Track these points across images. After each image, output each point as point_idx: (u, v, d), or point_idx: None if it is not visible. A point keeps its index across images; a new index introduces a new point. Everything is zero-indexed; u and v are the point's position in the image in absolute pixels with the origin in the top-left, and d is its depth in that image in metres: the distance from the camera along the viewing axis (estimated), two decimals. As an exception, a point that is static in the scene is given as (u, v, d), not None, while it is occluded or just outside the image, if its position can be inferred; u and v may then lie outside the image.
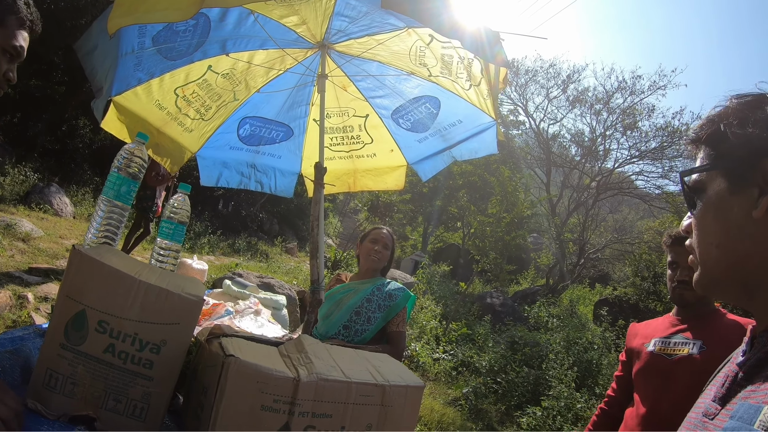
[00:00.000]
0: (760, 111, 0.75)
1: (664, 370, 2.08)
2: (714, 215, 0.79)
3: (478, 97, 2.85)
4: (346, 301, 2.70)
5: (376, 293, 2.70)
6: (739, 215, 0.75)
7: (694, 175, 0.83)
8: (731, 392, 0.75)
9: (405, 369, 1.40)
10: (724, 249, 0.77)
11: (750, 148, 0.74)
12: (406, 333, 2.76)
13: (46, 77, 12.92)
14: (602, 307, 11.78)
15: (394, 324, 2.66)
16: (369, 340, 2.60)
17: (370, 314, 2.64)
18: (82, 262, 1.15)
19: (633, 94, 18.15)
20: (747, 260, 0.75)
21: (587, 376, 7.45)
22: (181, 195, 1.65)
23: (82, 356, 1.13)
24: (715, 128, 0.79)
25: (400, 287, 2.78)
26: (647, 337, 2.24)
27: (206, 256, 11.04)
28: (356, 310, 2.65)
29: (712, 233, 0.79)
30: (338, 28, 2.71)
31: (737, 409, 0.69)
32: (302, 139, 3.47)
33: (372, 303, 2.67)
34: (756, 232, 0.73)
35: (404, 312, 2.71)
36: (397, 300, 2.69)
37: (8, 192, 9.42)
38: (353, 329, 2.61)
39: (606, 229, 20.17)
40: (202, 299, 1.22)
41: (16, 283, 5.46)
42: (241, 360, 1.06)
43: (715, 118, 0.80)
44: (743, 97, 0.79)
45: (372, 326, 2.62)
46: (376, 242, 2.86)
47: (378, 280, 2.81)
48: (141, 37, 2.38)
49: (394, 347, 2.62)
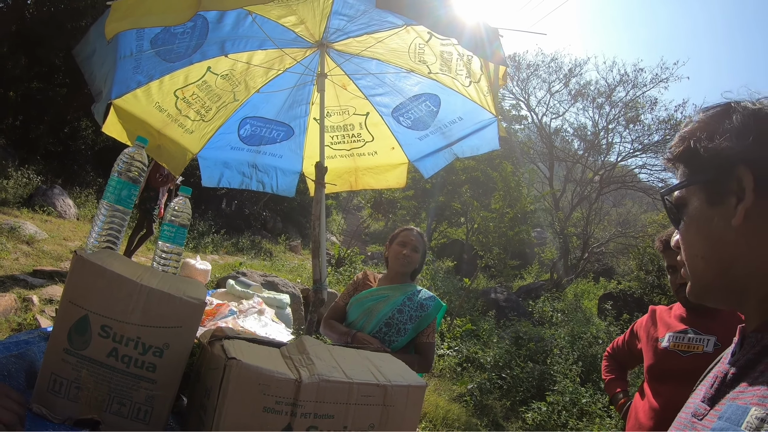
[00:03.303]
0: (727, 121, 0.77)
1: (678, 367, 2.07)
2: (697, 229, 0.82)
3: (478, 93, 2.85)
4: (377, 310, 2.58)
5: (408, 303, 2.59)
6: (719, 225, 0.77)
7: (675, 192, 0.86)
8: (720, 393, 0.76)
9: (407, 368, 1.40)
10: (709, 260, 0.80)
11: (722, 158, 0.76)
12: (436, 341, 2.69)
13: (48, 80, 12.95)
14: (607, 302, 11.80)
15: (425, 335, 2.57)
16: (399, 350, 2.51)
17: (402, 326, 2.53)
18: (84, 267, 1.16)
19: (635, 87, 18.05)
20: (732, 268, 0.77)
21: (592, 370, 7.46)
22: (182, 198, 1.66)
23: (85, 360, 1.14)
24: (686, 145, 0.82)
25: (431, 296, 2.68)
26: (662, 329, 2.23)
27: (210, 256, 11.07)
28: (387, 321, 2.54)
29: (697, 246, 0.82)
30: (337, 26, 2.71)
31: (725, 410, 0.70)
32: (303, 138, 3.48)
33: (404, 314, 2.56)
34: (737, 240, 0.75)
35: (435, 322, 2.62)
36: (429, 310, 2.60)
37: (12, 195, 9.45)
38: (382, 339, 2.51)
39: (609, 222, 20.10)
40: (204, 302, 1.23)
41: (21, 285, 5.48)
42: (243, 362, 1.06)
43: (686, 135, 0.83)
44: (710, 110, 0.82)
45: (403, 338, 2.52)
46: (405, 245, 2.69)
47: (409, 287, 2.68)
48: (139, 39, 2.38)
49: (424, 358, 2.54)
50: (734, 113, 0.77)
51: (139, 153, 1.49)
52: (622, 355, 2.62)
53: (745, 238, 0.74)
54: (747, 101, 0.78)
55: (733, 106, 0.78)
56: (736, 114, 0.77)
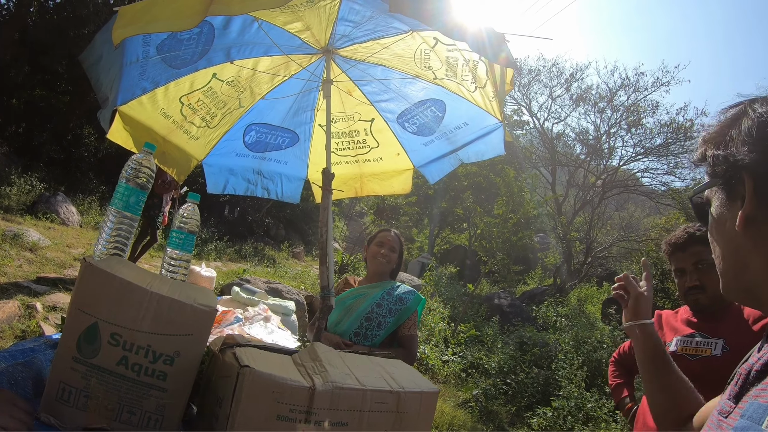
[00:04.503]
0: (737, 127, 0.78)
1: (687, 370, 2.05)
2: (716, 230, 0.84)
3: (484, 99, 2.84)
4: (356, 306, 2.65)
5: (387, 297, 2.66)
6: (730, 228, 0.79)
7: (698, 194, 0.89)
8: (743, 390, 0.77)
9: (419, 375, 1.39)
10: (726, 260, 0.83)
11: (729, 164, 0.78)
12: (418, 334, 2.73)
13: (51, 87, 13.02)
14: (610, 306, 11.72)
15: (406, 328, 2.63)
16: (379, 344, 2.57)
17: (381, 319, 2.59)
18: (93, 274, 1.15)
19: (637, 91, 18.08)
20: (745, 269, 0.79)
21: (597, 375, 7.40)
22: (191, 204, 1.64)
23: (95, 369, 1.13)
24: (704, 149, 0.85)
25: (410, 290, 2.75)
26: (669, 333, 2.21)
27: (213, 263, 11.06)
28: (367, 315, 2.60)
29: (717, 247, 0.85)
30: (342, 33, 2.70)
31: (747, 408, 0.71)
32: (308, 144, 3.46)
33: (383, 308, 2.62)
34: (745, 243, 0.77)
35: (415, 315, 2.68)
36: (408, 303, 2.66)
37: (15, 202, 9.46)
38: (363, 335, 2.57)
39: (612, 227, 20.05)
40: (215, 309, 1.22)
41: (25, 293, 5.48)
42: (256, 370, 1.05)
43: (704, 138, 0.86)
44: (727, 111, 0.84)
45: (383, 331, 2.58)
46: (382, 245, 2.79)
47: (387, 283, 2.76)
48: (145, 46, 2.38)
49: (407, 351, 2.59)
50: (745, 118, 0.78)
51: (147, 159, 1.48)
52: (629, 361, 2.60)
53: (752, 241, 0.76)
54: (758, 104, 0.78)
55: (746, 109, 0.79)
56: (746, 119, 0.78)
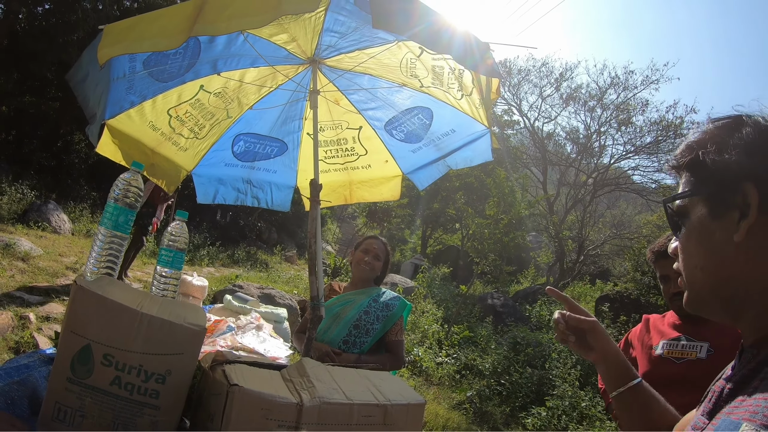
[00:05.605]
0: (737, 135, 0.76)
1: (673, 373, 2.09)
2: (697, 239, 0.81)
3: (470, 106, 2.87)
4: (344, 314, 2.69)
5: (373, 304, 2.71)
6: (720, 239, 0.77)
7: (678, 201, 0.85)
8: (717, 407, 0.77)
9: (406, 386, 1.42)
10: (707, 272, 0.80)
11: (729, 173, 0.76)
12: (405, 339, 2.77)
13: (40, 93, 12.95)
14: (604, 304, 11.81)
15: (393, 333, 2.69)
16: (367, 350, 2.62)
17: (369, 326, 2.64)
18: (84, 296, 1.17)
19: (626, 90, 18.27)
20: (730, 282, 0.77)
21: (591, 373, 7.45)
22: (179, 222, 1.67)
23: (89, 389, 1.15)
24: (694, 155, 0.81)
25: (396, 296, 2.80)
26: (656, 337, 2.25)
27: (206, 268, 11.05)
28: (355, 323, 2.64)
29: (696, 256, 0.82)
30: (328, 43, 2.73)
31: (720, 424, 0.70)
32: (297, 153, 3.49)
33: (370, 315, 2.67)
34: (737, 255, 0.75)
35: (401, 321, 2.74)
36: (395, 309, 2.72)
37: (6, 211, 9.42)
38: (352, 342, 2.62)
39: (604, 225, 20.20)
40: (205, 329, 1.25)
41: (17, 303, 5.46)
42: (245, 389, 1.08)
43: (694, 144, 0.82)
44: (720, 121, 0.81)
45: (371, 338, 2.63)
46: (367, 252, 2.84)
47: (373, 290, 2.81)
48: (132, 61, 2.40)
49: (395, 356, 2.66)
50: (745, 127, 0.77)
51: (135, 179, 1.50)
52: None
53: (745, 254, 0.74)
54: (759, 116, 0.78)
55: (745, 120, 0.78)
56: (747, 129, 0.76)
